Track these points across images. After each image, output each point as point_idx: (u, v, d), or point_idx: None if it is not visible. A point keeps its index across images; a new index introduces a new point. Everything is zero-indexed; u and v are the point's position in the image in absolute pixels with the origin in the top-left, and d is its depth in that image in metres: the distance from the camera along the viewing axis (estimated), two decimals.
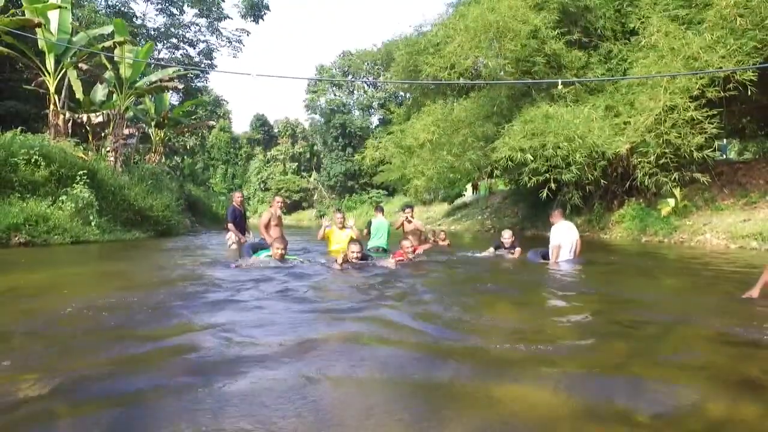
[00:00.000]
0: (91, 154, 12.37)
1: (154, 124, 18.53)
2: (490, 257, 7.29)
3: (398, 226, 8.28)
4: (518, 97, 13.41)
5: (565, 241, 6.31)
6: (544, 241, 7.15)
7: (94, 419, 1.65)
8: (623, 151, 10.78)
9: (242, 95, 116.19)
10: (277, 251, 5.65)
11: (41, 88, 12.85)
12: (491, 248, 7.56)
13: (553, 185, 11.14)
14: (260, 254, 5.92)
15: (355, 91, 42.21)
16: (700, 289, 4.79)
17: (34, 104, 14.74)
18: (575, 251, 6.42)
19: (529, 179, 11.29)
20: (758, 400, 1.88)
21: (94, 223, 9.90)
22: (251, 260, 5.76)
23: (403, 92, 33.34)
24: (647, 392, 1.94)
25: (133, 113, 17.28)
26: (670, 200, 11.33)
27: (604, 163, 10.99)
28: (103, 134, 14.22)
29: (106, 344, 2.52)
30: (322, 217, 29.01)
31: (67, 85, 13.11)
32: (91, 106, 14.16)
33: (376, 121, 41.67)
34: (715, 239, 9.80)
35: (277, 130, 51.54)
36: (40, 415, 1.66)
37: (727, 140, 16.84)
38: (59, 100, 12.74)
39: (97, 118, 13.48)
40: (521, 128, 11.29)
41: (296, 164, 49.12)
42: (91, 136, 14.02)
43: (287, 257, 5.79)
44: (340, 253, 6.01)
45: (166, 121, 18.36)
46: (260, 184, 49.06)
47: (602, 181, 11.63)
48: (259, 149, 51.34)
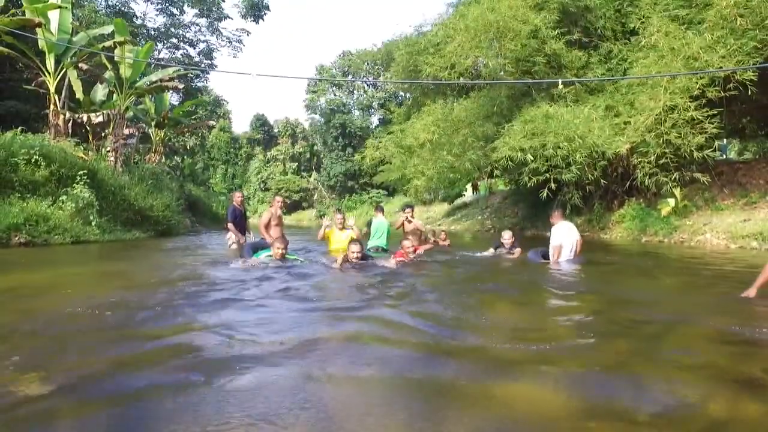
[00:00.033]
0: (91, 154, 12.38)
1: (154, 124, 18.54)
2: (490, 257, 7.30)
3: (398, 226, 8.29)
4: (518, 97, 13.40)
5: (566, 241, 6.31)
6: (544, 241, 7.15)
7: (97, 418, 1.65)
8: (623, 151, 10.77)
9: (242, 95, 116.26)
10: (277, 251, 5.66)
11: (41, 88, 12.85)
12: (491, 249, 7.58)
13: (553, 185, 11.13)
14: (261, 254, 5.92)
15: (355, 91, 42.22)
16: (700, 288, 4.79)
17: (34, 104, 14.74)
18: (575, 251, 6.42)
19: (529, 179, 11.28)
20: (760, 399, 1.88)
21: (94, 223, 9.91)
22: (252, 260, 5.76)
23: (403, 92, 33.34)
24: (648, 391, 1.95)
25: (133, 113, 17.28)
26: (670, 200, 11.33)
27: (604, 163, 10.99)
28: (103, 134, 14.23)
29: (107, 343, 2.52)
30: (322, 217, 29.03)
31: (67, 85, 13.12)
32: (91, 106, 14.17)
33: (376, 121, 41.71)
34: (715, 239, 9.80)
35: (277, 130, 51.56)
36: (43, 413, 1.66)
37: (727, 140, 16.84)
38: (59, 100, 12.74)
39: (97, 118, 13.49)
40: (521, 128, 11.28)
41: (296, 164, 49.13)
42: (91, 136, 14.03)
43: (288, 257, 5.80)
44: (340, 253, 6.02)
45: (166, 121, 18.36)
46: (260, 184, 49.07)
47: (602, 181, 11.62)
48: (259, 149, 51.35)
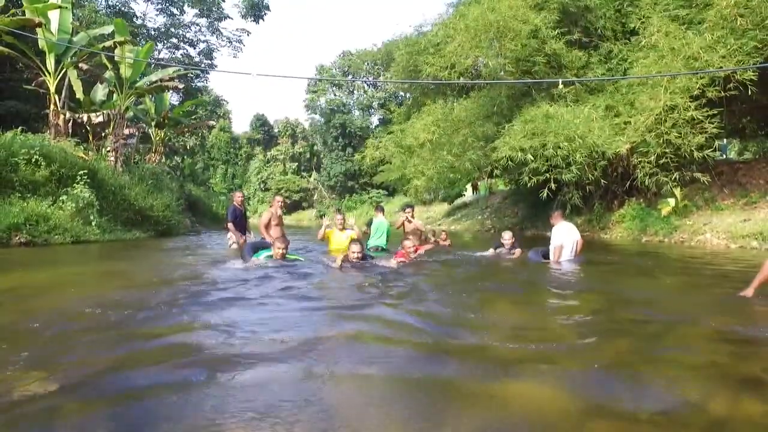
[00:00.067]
0: (91, 154, 12.38)
1: (154, 124, 18.54)
2: (490, 257, 7.30)
3: (398, 225, 8.29)
4: (518, 96, 13.40)
5: (566, 241, 6.31)
6: (544, 241, 7.16)
7: (99, 416, 1.66)
8: (623, 150, 10.77)
9: (242, 95, 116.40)
10: (278, 251, 5.66)
11: (41, 87, 12.85)
12: (491, 249, 7.58)
13: (553, 185, 11.14)
14: (261, 254, 5.91)
15: (355, 91, 42.23)
16: (700, 288, 4.79)
17: (34, 104, 14.74)
18: (576, 251, 6.42)
19: (529, 179, 11.29)
20: (761, 398, 1.89)
21: (94, 222, 9.91)
22: (252, 260, 5.76)
23: (403, 92, 33.35)
24: (649, 390, 1.95)
25: (133, 113, 17.28)
26: (670, 200, 11.33)
27: (604, 162, 10.99)
28: (103, 134, 14.23)
29: (109, 342, 2.53)
30: (321, 217, 28.99)
31: (67, 85, 13.12)
32: (91, 106, 14.17)
33: (376, 121, 41.72)
34: (715, 239, 9.80)
35: (277, 130, 51.57)
36: (45, 412, 1.66)
37: (727, 140, 16.84)
38: (59, 100, 12.74)
39: (97, 118, 13.49)
40: (521, 128, 11.29)
41: (296, 164, 49.14)
42: (91, 136, 14.03)
43: (288, 256, 5.80)
44: (340, 253, 6.02)
45: (166, 121, 18.36)
46: (260, 184, 49.08)
47: (602, 181, 11.62)
48: (259, 149, 51.36)
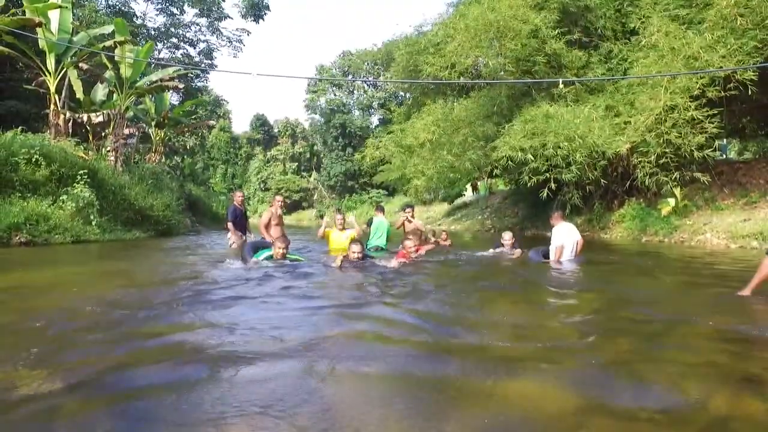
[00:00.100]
0: (91, 153, 12.38)
1: (154, 123, 18.54)
2: (490, 257, 7.31)
3: (399, 225, 8.30)
4: (518, 96, 13.41)
5: (567, 241, 6.31)
6: (544, 241, 7.16)
7: (100, 415, 1.66)
8: (623, 150, 10.77)
9: (242, 95, 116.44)
10: (279, 250, 5.66)
11: (42, 87, 12.85)
12: (491, 249, 7.60)
13: (553, 185, 11.14)
14: (261, 254, 5.90)
15: (355, 91, 42.24)
16: (700, 288, 4.79)
17: (34, 104, 14.74)
18: (576, 251, 6.43)
19: (529, 179, 11.29)
20: (760, 397, 1.89)
21: (94, 222, 9.91)
22: (252, 260, 5.76)
23: (403, 92, 33.36)
24: (649, 389, 1.95)
25: (133, 113, 17.29)
26: (670, 200, 11.33)
27: (604, 162, 11.00)
28: (103, 134, 14.23)
29: (110, 341, 2.53)
30: (321, 217, 28.98)
31: (67, 84, 13.12)
32: (91, 105, 14.17)
33: (376, 120, 41.75)
34: (715, 239, 9.81)
35: (277, 130, 51.59)
36: (46, 412, 1.66)
37: (727, 140, 16.84)
38: (60, 99, 12.74)
39: (97, 117, 13.49)
40: (521, 128, 11.29)
41: (296, 164, 49.16)
42: (91, 135, 14.03)
43: (289, 256, 5.80)
44: (339, 252, 6.02)
45: (166, 120, 18.36)
46: (260, 184, 49.10)
47: (602, 180, 11.63)
48: (259, 149, 51.37)
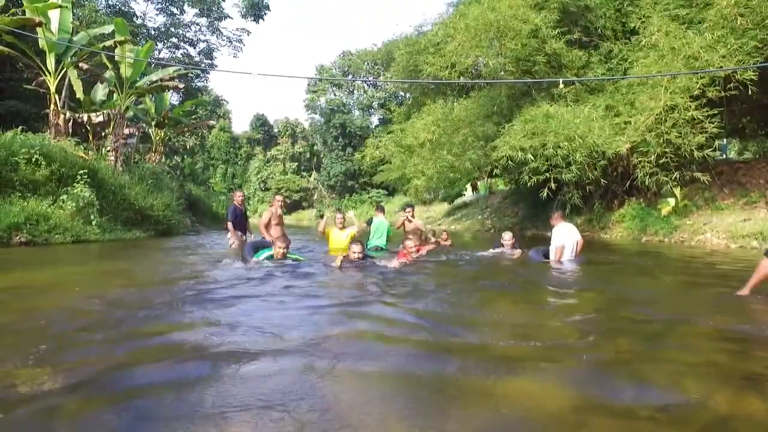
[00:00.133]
0: (91, 153, 12.38)
1: (154, 123, 18.54)
2: (490, 256, 7.31)
3: (399, 225, 8.29)
4: (518, 96, 13.41)
5: (567, 241, 6.31)
6: (544, 241, 7.16)
7: (101, 414, 1.66)
8: (623, 150, 10.77)
9: (242, 95, 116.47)
10: (279, 250, 5.66)
11: (42, 87, 12.85)
12: (491, 249, 7.60)
13: (553, 185, 11.14)
14: (262, 253, 5.90)
15: (355, 90, 42.25)
16: (700, 287, 4.79)
17: (34, 104, 14.74)
18: (576, 251, 6.43)
19: (529, 179, 11.29)
20: (761, 396, 1.89)
21: (94, 222, 9.91)
22: (253, 260, 5.76)
23: (403, 92, 33.37)
24: (649, 388, 1.95)
25: (133, 113, 17.28)
26: (670, 200, 11.33)
27: (604, 162, 11.00)
28: (103, 134, 14.23)
29: (110, 341, 2.53)
30: (321, 217, 29.00)
31: (67, 84, 13.12)
32: (91, 105, 14.17)
33: (376, 120, 41.76)
34: (715, 239, 9.81)
35: (277, 129, 51.60)
36: (47, 411, 1.66)
37: (727, 140, 16.85)
38: (60, 99, 12.74)
39: (97, 117, 13.49)
40: (521, 128, 11.29)
41: (296, 164, 49.17)
42: (91, 135, 14.03)
43: (289, 256, 5.80)
44: (339, 252, 6.03)
45: (166, 120, 18.36)
46: (260, 183, 49.11)
47: (602, 180, 11.63)
48: (259, 149, 51.39)
